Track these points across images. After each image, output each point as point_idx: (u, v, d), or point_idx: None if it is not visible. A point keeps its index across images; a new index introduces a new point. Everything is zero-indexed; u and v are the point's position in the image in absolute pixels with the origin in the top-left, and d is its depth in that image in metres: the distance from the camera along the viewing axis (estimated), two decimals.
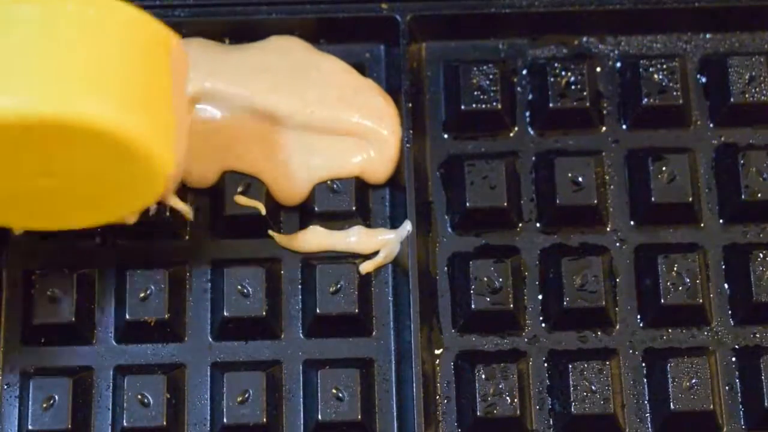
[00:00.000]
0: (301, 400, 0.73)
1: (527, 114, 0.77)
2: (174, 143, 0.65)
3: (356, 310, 0.73)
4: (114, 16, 0.63)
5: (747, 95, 0.76)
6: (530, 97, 0.78)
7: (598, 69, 0.78)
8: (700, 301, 0.74)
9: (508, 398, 0.72)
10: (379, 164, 0.75)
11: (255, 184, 0.74)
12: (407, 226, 0.73)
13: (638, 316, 0.75)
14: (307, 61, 0.76)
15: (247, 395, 0.72)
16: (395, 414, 0.73)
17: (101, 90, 0.61)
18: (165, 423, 0.72)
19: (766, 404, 0.72)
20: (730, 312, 0.75)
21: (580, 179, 0.75)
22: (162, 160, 0.64)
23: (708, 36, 0.79)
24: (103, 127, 0.61)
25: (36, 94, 0.60)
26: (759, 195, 0.75)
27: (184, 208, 0.72)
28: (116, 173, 0.64)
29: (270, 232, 0.75)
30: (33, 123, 0.60)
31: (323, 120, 0.74)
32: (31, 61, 0.61)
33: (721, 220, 0.76)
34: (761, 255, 0.74)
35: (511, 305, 0.74)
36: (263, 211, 0.74)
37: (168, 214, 0.74)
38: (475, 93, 0.76)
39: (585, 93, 0.76)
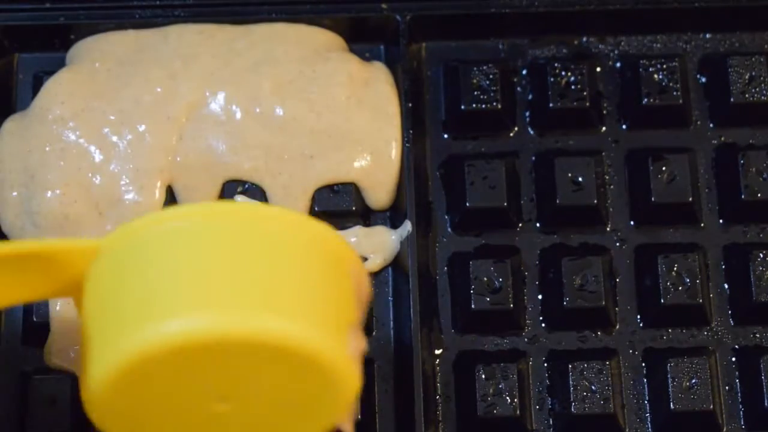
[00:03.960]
0: None
1: (527, 114, 0.77)
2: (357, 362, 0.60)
3: None
4: (298, 233, 0.59)
5: (747, 95, 0.76)
6: (530, 97, 0.77)
7: (598, 69, 0.78)
8: (700, 301, 0.74)
9: (508, 398, 0.72)
10: (380, 186, 0.74)
11: (254, 185, 0.74)
12: (407, 226, 0.73)
13: (638, 316, 0.75)
14: (313, 54, 0.75)
15: None
16: (395, 414, 0.73)
17: (286, 306, 0.57)
18: None
19: (766, 404, 0.72)
20: (730, 312, 0.75)
21: (580, 179, 0.75)
22: (349, 380, 0.59)
23: (708, 36, 0.79)
24: (294, 344, 0.56)
25: (224, 312, 0.56)
26: (759, 195, 0.75)
27: None
28: (297, 396, 0.59)
29: None
30: (219, 342, 0.55)
31: (329, 124, 0.74)
32: (217, 278, 0.56)
33: (721, 220, 0.76)
34: (761, 255, 0.74)
35: (511, 305, 0.73)
36: None
37: None
38: (475, 93, 0.76)
39: (585, 93, 0.76)
